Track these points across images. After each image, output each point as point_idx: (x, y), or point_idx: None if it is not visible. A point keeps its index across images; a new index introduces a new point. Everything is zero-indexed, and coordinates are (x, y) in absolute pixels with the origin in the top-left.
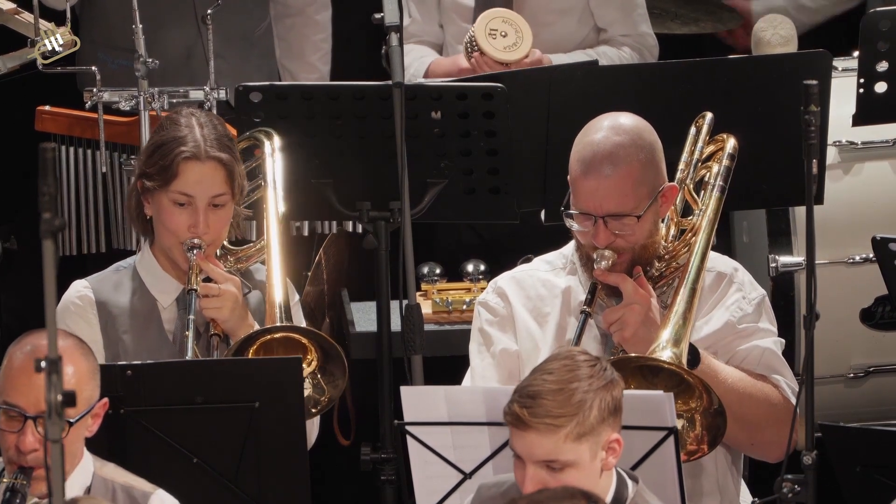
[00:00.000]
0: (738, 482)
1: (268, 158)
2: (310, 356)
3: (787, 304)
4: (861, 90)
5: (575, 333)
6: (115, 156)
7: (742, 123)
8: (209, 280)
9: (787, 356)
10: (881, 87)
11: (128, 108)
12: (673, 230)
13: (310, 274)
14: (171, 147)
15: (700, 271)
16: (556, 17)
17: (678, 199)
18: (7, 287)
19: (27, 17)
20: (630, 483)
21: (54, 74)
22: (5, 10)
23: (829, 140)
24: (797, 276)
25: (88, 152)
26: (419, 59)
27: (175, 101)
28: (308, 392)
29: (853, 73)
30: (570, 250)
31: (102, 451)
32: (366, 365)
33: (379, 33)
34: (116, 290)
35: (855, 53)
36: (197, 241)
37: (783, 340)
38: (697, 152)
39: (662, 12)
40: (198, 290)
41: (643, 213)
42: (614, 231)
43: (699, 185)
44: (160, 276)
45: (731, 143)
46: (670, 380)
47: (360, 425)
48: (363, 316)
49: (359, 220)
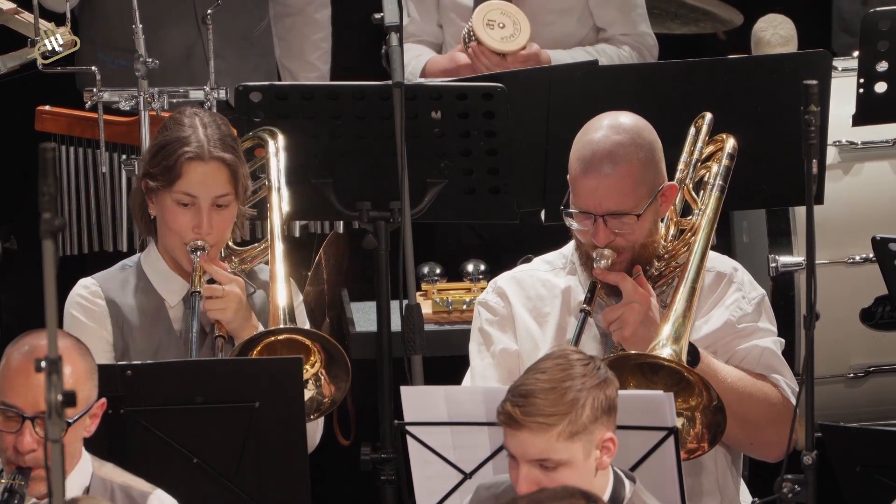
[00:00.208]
0: (738, 482)
1: (272, 158)
2: (313, 358)
3: (787, 304)
4: (861, 90)
5: (574, 332)
6: (115, 156)
7: (742, 123)
8: (213, 281)
9: (787, 356)
10: (881, 87)
11: (128, 108)
12: (672, 230)
13: (310, 274)
14: (175, 147)
15: (700, 270)
16: (556, 16)
17: (678, 198)
18: (7, 287)
19: (27, 17)
20: (627, 483)
21: (54, 74)
22: (5, 10)
23: (829, 140)
24: (797, 276)
25: (88, 152)
26: (416, 58)
27: (175, 101)
28: (311, 394)
29: (853, 73)
30: (569, 250)
31: (102, 450)
32: (366, 365)
33: (379, 33)
34: (123, 289)
35: (855, 53)
36: (200, 242)
37: (783, 340)
38: (697, 152)
39: (662, 12)
40: (201, 292)
41: (643, 211)
42: (614, 230)
43: (699, 185)
44: (167, 275)
45: (730, 143)
46: (670, 378)
47: (360, 425)
48: (363, 316)
49: (359, 220)
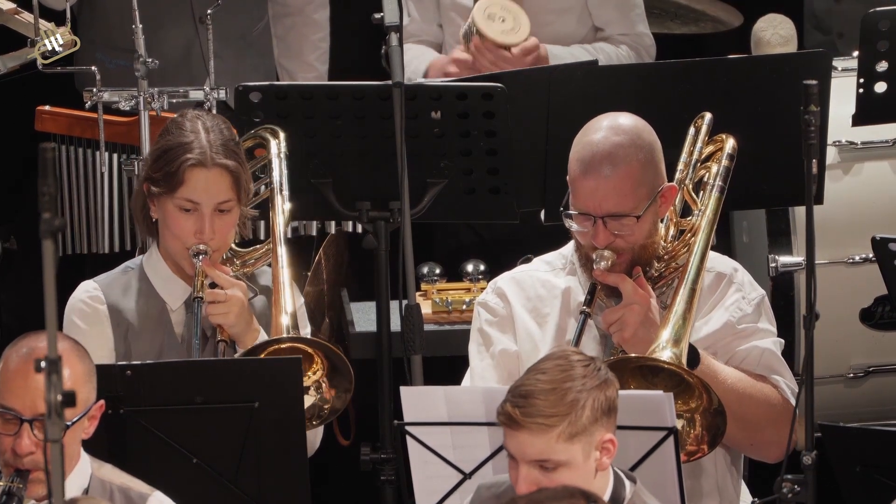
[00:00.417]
0: (738, 483)
1: (274, 159)
2: (315, 366)
3: (786, 304)
4: (861, 90)
5: (574, 334)
6: (114, 156)
7: (742, 123)
8: (215, 285)
9: (787, 356)
10: (881, 87)
11: (127, 108)
12: (672, 230)
13: (310, 274)
14: (177, 153)
15: (700, 271)
16: (556, 16)
17: (677, 199)
18: (7, 287)
19: (27, 17)
20: (628, 483)
21: (54, 74)
22: (5, 10)
23: (829, 140)
24: (797, 276)
25: (88, 152)
26: (417, 58)
27: (175, 100)
28: (312, 401)
29: (853, 73)
30: (569, 251)
31: (102, 451)
32: (366, 365)
33: (379, 33)
34: (125, 293)
35: (855, 53)
36: (202, 246)
37: (782, 341)
38: (696, 153)
39: (662, 12)
40: (203, 297)
41: (642, 213)
42: (613, 231)
43: (698, 186)
44: (168, 278)
45: (730, 144)
46: (670, 380)
47: (359, 425)
48: (363, 316)
49: (359, 220)
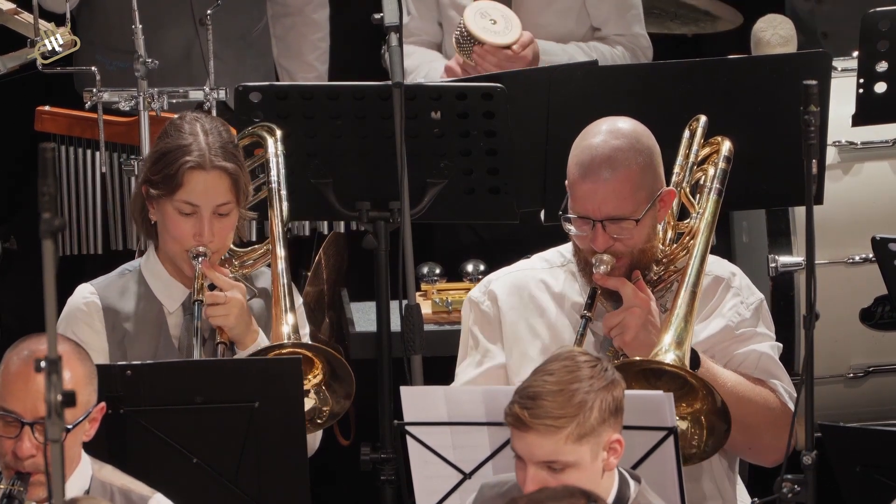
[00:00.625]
0: (736, 487)
1: (271, 158)
2: (316, 370)
3: (786, 304)
4: (861, 90)
5: (576, 339)
6: (114, 156)
7: (742, 124)
8: (214, 287)
9: (787, 356)
10: (881, 87)
11: (127, 109)
12: (670, 234)
13: (310, 274)
14: (176, 156)
15: (700, 274)
16: (554, 17)
17: (675, 202)
18: (7, 287)
19: (27, 17)
20: (632, 483)
21: (54, 74)
22: (5, 10)
23: (829, 140)
24: (797, 276)
25: (88, 152)
26: (429, 63)
27: (175, 101)
28: (311, 405)
29: (853, 73)
30: (568, 249)
31: (102, 451)
32: (366, 365)
33: (379, 33)
34: (122, 296)
35: (855, 53)
36: (202, 248)
37: (780, 345)
38: (692, 155)
39: (662, 12)
40: (203, 299)
41: (641, 216)
42: (612, 235)
43: (695, 189)
44: (166, 280)
45: (726, 146)
46: (673, 382)
47: (359, 425)
48: (363, 316)
49: (359, 220)
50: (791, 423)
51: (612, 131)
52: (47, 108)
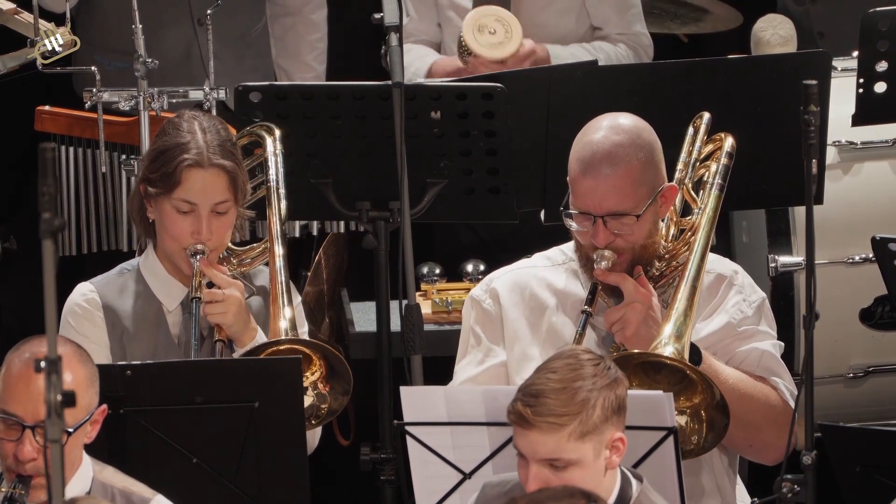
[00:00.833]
0: (735, 485)
1: (270, 157)
2: (314, 367)
3: (786, 304)
4: (860, 90)
5: (576, 333)
6: (114, 156)
7: (742, 123)
8: (213, 285)
9: (787, 356)
10: (881, 87)
11: (127, 109)
12: (673, 230)
13: (310, 274)
14: (174, 154)
15: (700, 269)
16: (554, 17)
17: (677, 198)
18: (7, 287)
19: (27, 17)
20: (634, 482)
21: (54, 74)
22: (5, 10)
23: (829, 140)
24: (797, 276)
25: (88, 152)
26: (420, 58)
27: (175, 101)
28: (309, 401)
29: (853, 73)
30: (569, 247)
31: (102, 451)
32: (365, 365)
33: (379, 33)
34: (121, 295)
35: (854, 53)
36: (200, 246)
37: (782, 344)
38: (696, 152)
39: (662, 12)
40: (201, 296)
41: (642, 212)
42: (614, 231)
43: (698, 185)
44: (165, 279)
45: (728, 142)
46: (672, 376)
47: (359, 425)
48: (363, 316)
49: (358, 220)
50: (791, 421)
51: (613, 127)
52: (47, 108)
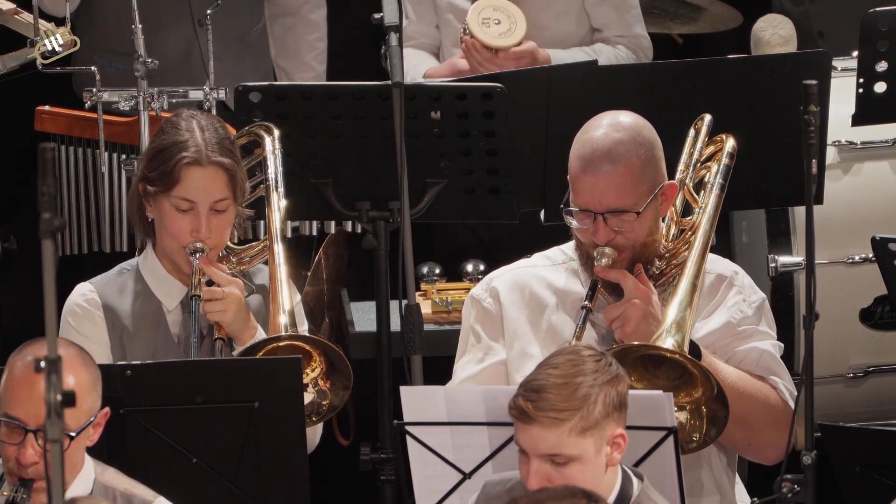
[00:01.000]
0: (734, 484)
1: (269, 156)
2: (314, 363)
3: (786, 304)
4: (860, 90)
5: (575, 329)
6: (114, 156)
7: (742, 123)
8: (212, 283)
9: (787, 356)
10: (881, 87)
11: (127, 109)
12: (673, 229)
13: (309, 274)
14: (173, 152)
15: (700, 266)
16: (554, 19)
17: (678, 199)
18: (7, 287)
19: (27, 17)
20: (635, 481)
21: (54, 74)
22: (5, 10)
23: (829, 140)
24: (797, 276)
25: (88, 152)
26: (415, 67)
27: (174, 101)
28: (310, 398)
29: (853, 73)
30: (570, 247)
31: (102, 451)
32: (365, 365)
33: (379, 33)
34: (121, 295)
35: (854, 53)
36: (199, 244)
37: (782, 344)
38: (697, 153)
39: (662, 12)
40: (201, 294)
41: (643, 209)
42: (614, 228)
43: (699, 186)
44: (164, 278)
45: (730, 143)
46: (672, 371)
47: (359, 425)
48: (363, 316)
49: (358, 220)
50: (791, 421)
51: (613, 124)
52: (47, 108)
